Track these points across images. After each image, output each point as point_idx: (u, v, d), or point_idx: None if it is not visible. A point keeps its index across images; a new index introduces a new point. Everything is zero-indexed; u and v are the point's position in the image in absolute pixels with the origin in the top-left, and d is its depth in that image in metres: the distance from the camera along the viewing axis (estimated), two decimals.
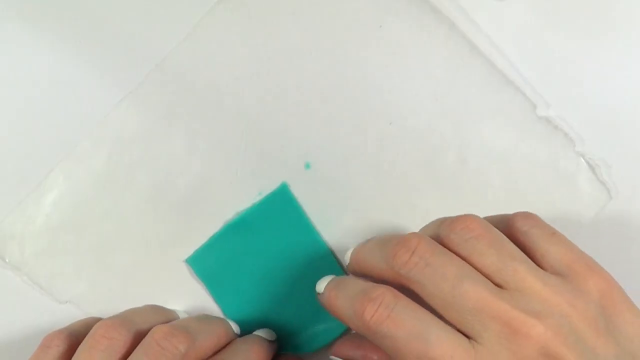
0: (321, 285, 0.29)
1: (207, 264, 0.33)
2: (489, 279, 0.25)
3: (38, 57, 0.34)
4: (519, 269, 0.25)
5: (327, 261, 0.33)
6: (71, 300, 0.34)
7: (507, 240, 0.27)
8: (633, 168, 0.32)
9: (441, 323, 0.25)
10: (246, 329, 0.33)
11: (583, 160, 0.33)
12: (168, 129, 0.34)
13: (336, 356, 0.31)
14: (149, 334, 0.28)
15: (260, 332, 0.32)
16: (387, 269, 0.26)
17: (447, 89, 0.33)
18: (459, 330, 0.25)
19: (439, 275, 0.25)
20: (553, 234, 0.27)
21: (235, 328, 0.32)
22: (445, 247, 0.26)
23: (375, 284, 0.26)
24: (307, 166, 0.33)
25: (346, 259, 0.31)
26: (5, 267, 0.34)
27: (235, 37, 0.34)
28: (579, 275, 0.26)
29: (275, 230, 0.33)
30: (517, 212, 0.28)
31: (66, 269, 0.34)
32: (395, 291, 0.26)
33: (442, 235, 0.27)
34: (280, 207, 0.33)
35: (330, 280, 0.29)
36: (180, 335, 0.28)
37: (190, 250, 0.33)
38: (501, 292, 0.25)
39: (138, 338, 0.29)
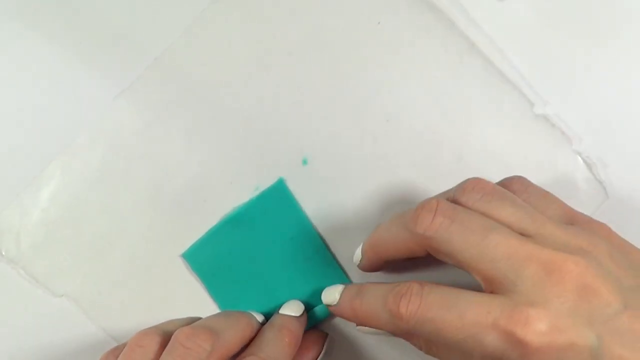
0: (331, 296, 0.30)
1: (203, 258, 0.33)
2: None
3: (37, 56, 0.34)
4: (537, 217, 0.26)
5: (322, 256, 0.33)
6: (67, 294, 0.34)
7: (515, 195, 0.27)
8: (630, 167, 0.32)
9: (469, 291, 0.25)
10: None
11: (580, 159, 0.33)
12: (166, 125, 0.34)
13: None
14: (172, 337, 0.28)
15: (286, 310, 0.32)
16: (410, 238, 0.27)
17: (445, 86, 0.33)
18: (490, 290, 0.25)
19: (466, 230, 0.25)
20: (547, 193, 0.28)
21: (259, 317, 0.32)
22: None
23: (396, 282, 0.27)
24: (305, 162, 0.33)
25: (355, 257, 0.31)
26: (1, 260, 0.34)
27: (234, 34, 0.34)
28: (583, 224, 0.27)
29: (272, 225, 0.33)
30: (512, 177, 0.29)
31: (62, 263, 0.34)
32: (418, 280, 0.26)
33: (455, 199, 0.27)
34: (276, 202, 0.33)
35: (345, 290, 0.29)
36: (203, 334, 0.28)
37: (187, 245, 0.33)
38: (527, 238, 0.25)
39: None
